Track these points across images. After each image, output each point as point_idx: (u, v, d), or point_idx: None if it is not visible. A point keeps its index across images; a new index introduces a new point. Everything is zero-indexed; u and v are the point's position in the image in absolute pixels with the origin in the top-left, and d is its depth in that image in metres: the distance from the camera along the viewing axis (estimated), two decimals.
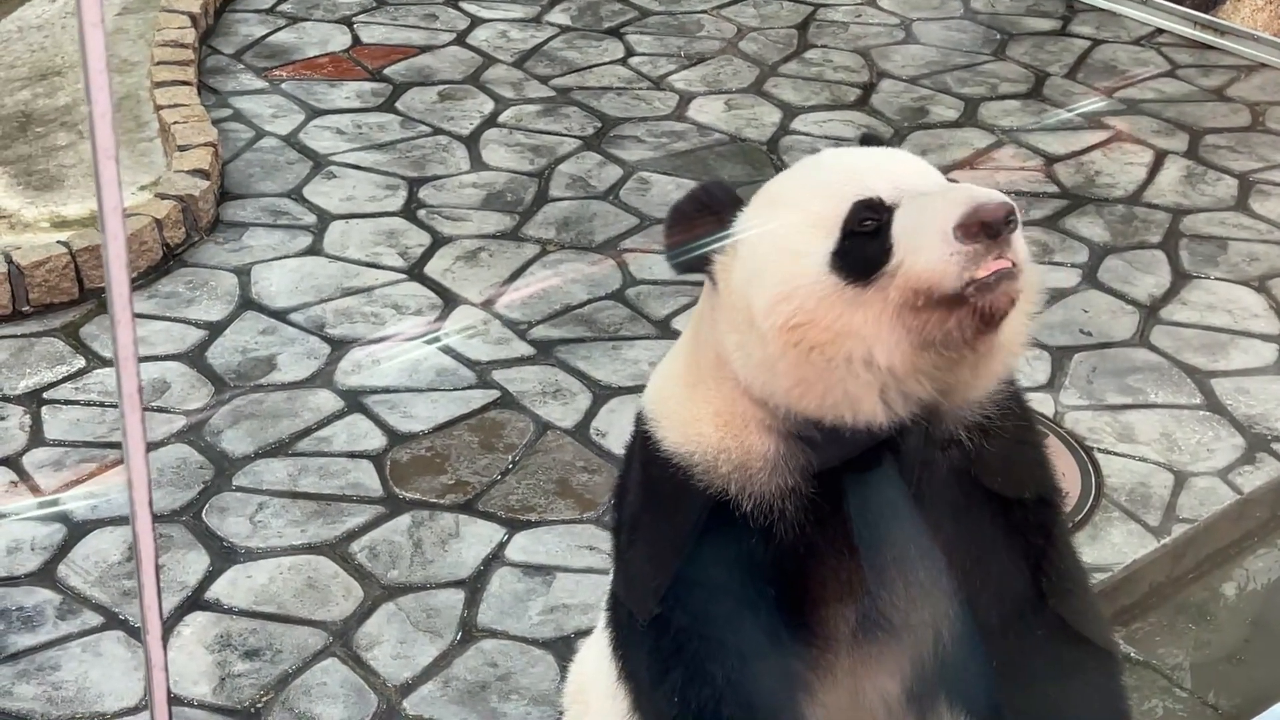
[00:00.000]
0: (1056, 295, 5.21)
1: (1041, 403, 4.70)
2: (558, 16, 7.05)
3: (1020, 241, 2.14)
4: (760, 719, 2.31)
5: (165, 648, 1.31)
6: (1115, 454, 4.54)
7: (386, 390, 4.73)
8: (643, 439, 2.42)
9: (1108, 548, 4.20)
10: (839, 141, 6.10)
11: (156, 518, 4.21)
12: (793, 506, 2.29)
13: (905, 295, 2.12)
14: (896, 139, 6.15)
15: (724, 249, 2.29)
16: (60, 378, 4.74)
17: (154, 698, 1.32)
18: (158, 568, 1.33)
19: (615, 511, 2.60)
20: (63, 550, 4.11)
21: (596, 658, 2.79)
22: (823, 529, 2.31)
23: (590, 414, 4.65)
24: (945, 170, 5.92)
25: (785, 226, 2.22)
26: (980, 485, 2.35)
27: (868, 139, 2.60)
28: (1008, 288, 2.11)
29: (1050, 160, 6.03)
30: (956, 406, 2.28)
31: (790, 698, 2.34)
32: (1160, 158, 6.06)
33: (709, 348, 2.33)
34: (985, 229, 2.08)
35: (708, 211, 2.32)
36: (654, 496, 2.42)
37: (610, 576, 2.71)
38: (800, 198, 2.25)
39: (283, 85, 6.41)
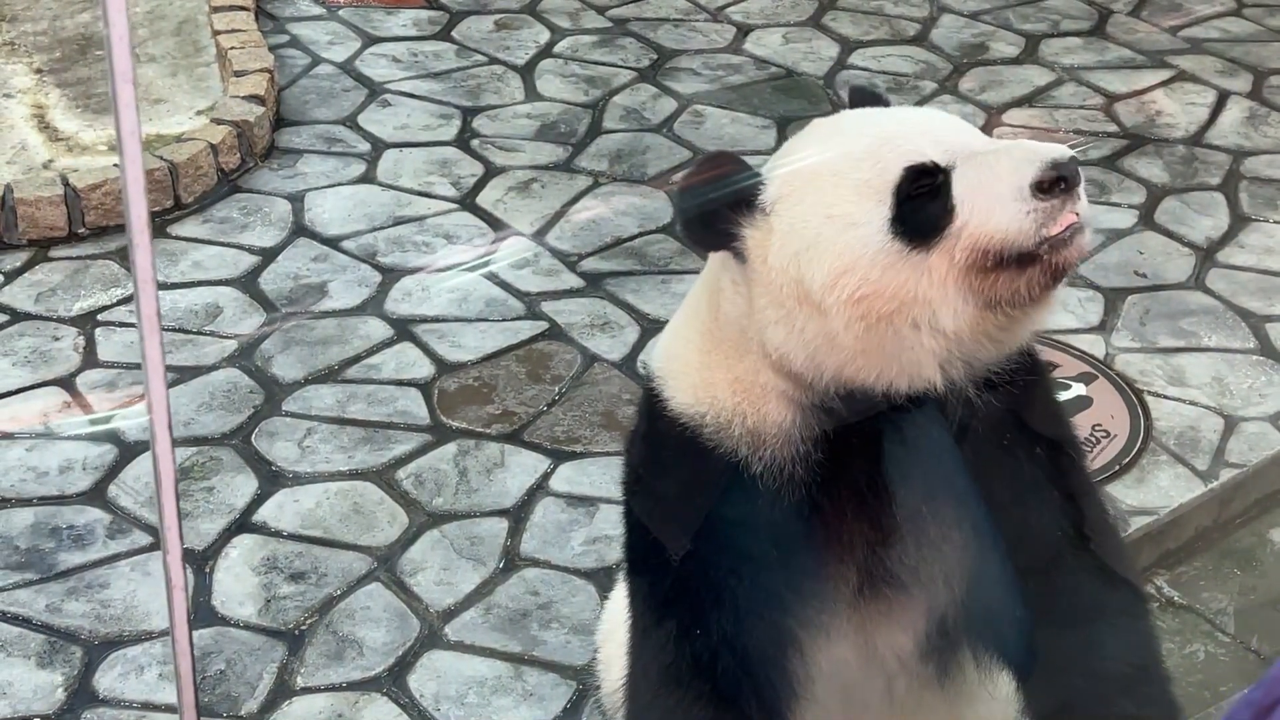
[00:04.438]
0: (1112, 236, 5.16)
1: (1093, 344, 4.67)
2: None
3: (1084, 194, 2.13)
4: (754, 672, 2.32)
5: (185, 568, 1.33)
6: (1165, 397, 4.51)
7: (436, 319, 4.75)
8: (650, 396, 2.41)
9: (1155, 491, 4.18)
10: (896, 78, 6.05)
11: (206, 440, 4.27)
12: (802, 470, 2.29)
13: (973, 256, 2.11)
14: (955, 75, 6.09)
15: (754, 225, 2.23)
16: (114, 300, 4.78)
17: (174, 616, 1.34)
18: (178, 490, 1.35)
19: (625, 464, 2.59)
20: (114, 470, 4.17)
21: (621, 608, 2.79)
22: (830, 490, 2.31)
23: (638, 347, 4.65)
24: (1004, 109, 5.88)
25: (831, 197, 2.16)
26: (992, 436, 2.33)
27: (858, 91, 2.52)
28: (1079, 241, 2.12)
29: (1111, 99, 5.95)
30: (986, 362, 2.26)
31: (783, 652, 2.34)
32: (1223, 98, 5.97)
33: (728, 319, 2.30)
34: (1062, 183, 2.08)
35: (724, 186, 2.24)
36: (660, 453, 2.41)
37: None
38: (840, 168, 2.18)
39: (340, 12, 6.41)
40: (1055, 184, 2.08)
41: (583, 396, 4.48)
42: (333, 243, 5.08)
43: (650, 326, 4.72)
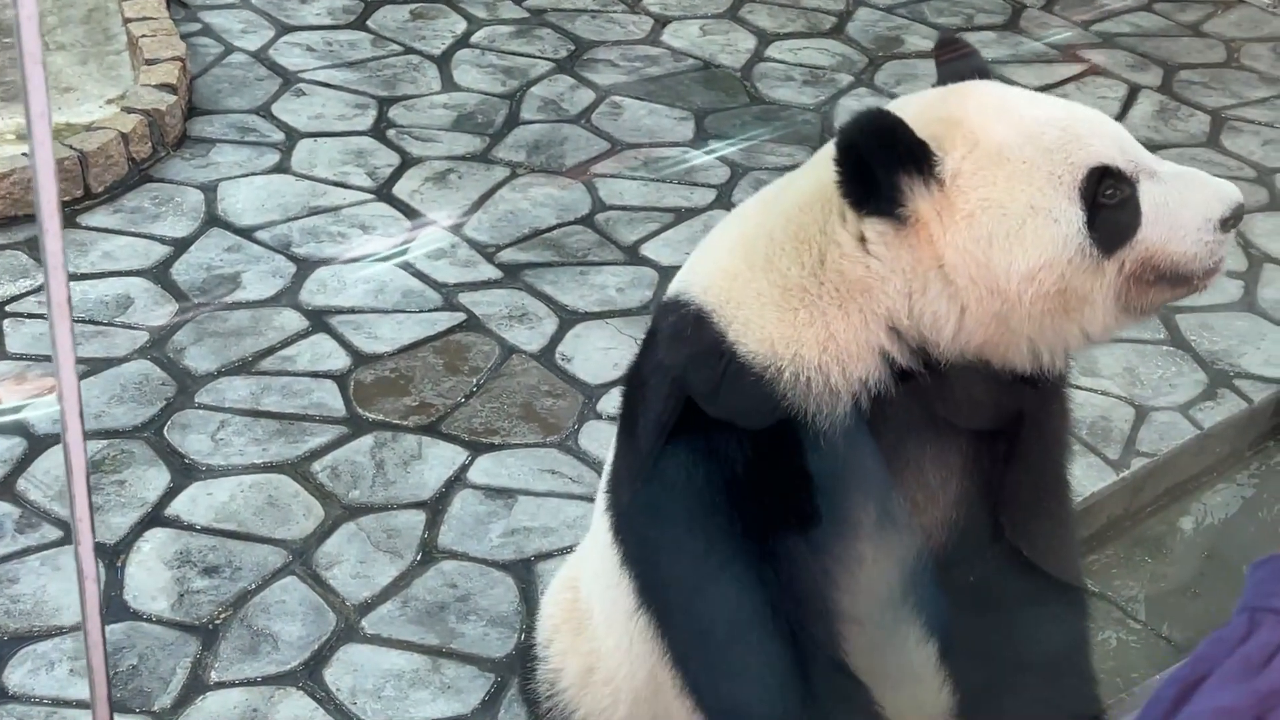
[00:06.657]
0: None
1: None
2: None
3: None
4: (804, 604, 2.35)
5: (96, 560, 1.30)
6: (1078, 388, 4.54)
7: (351, 310, 4.71)
8: (710, 333, 2.34)
9: None
10: (813, 70, 6.08)
11: (117, 433, 4.21)
12: (853, 424, 2.31)
13: (1141, 269, 2.24)
14: (871, 68, 6.12)
15: (926, 195, 2.21)
16: (24, 291, 4.71)
17: (87, 608, 1.31)
18: (89, 481, 1.33)
19: (637, 392, 2.50)
20: (23, 464, 4.10)
21: (591, 574, 2.75)
22: (866, 443, 2.35)
23: (556, 338, 4.64)
24: None
25: (1029, 187, 2.20)
26: (994, 408, 2.39)
27: (946, 40, 2.52)
28: (1221, 269, 2.28)
29: None
30: None
31: (827, 590, 2.38)
32: (1134, 92, 6.05)
33: (841, 277, 2.26)
34: (1233, 220, 2.25)
35: (889, 146, 2.19)
36: (708, 386, 2.35)
37: (610, 463, 2.61)
38: (1029, 155, 2.21)
39: (253, 0, 6.34)
40: (1229, 221, 2.24)
41: (500, 388, 4.46)
42: (246, 233, 5.02)
43: (568, 318, 4.71)
